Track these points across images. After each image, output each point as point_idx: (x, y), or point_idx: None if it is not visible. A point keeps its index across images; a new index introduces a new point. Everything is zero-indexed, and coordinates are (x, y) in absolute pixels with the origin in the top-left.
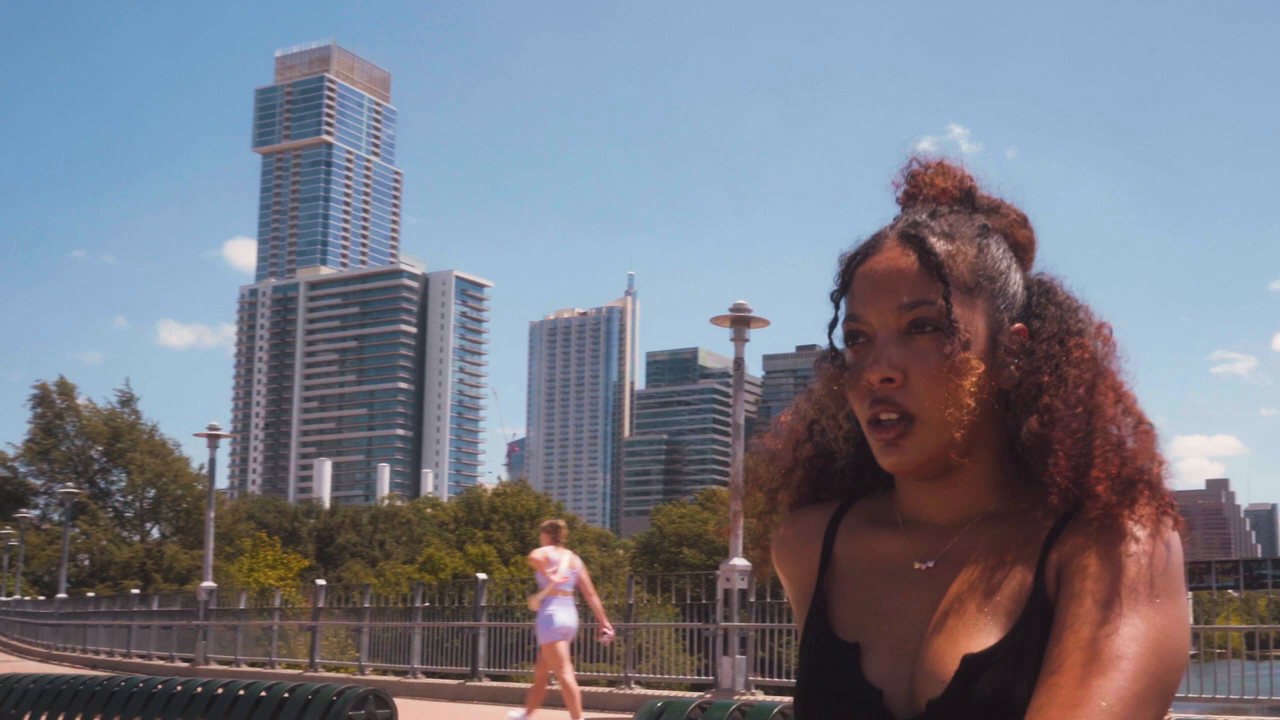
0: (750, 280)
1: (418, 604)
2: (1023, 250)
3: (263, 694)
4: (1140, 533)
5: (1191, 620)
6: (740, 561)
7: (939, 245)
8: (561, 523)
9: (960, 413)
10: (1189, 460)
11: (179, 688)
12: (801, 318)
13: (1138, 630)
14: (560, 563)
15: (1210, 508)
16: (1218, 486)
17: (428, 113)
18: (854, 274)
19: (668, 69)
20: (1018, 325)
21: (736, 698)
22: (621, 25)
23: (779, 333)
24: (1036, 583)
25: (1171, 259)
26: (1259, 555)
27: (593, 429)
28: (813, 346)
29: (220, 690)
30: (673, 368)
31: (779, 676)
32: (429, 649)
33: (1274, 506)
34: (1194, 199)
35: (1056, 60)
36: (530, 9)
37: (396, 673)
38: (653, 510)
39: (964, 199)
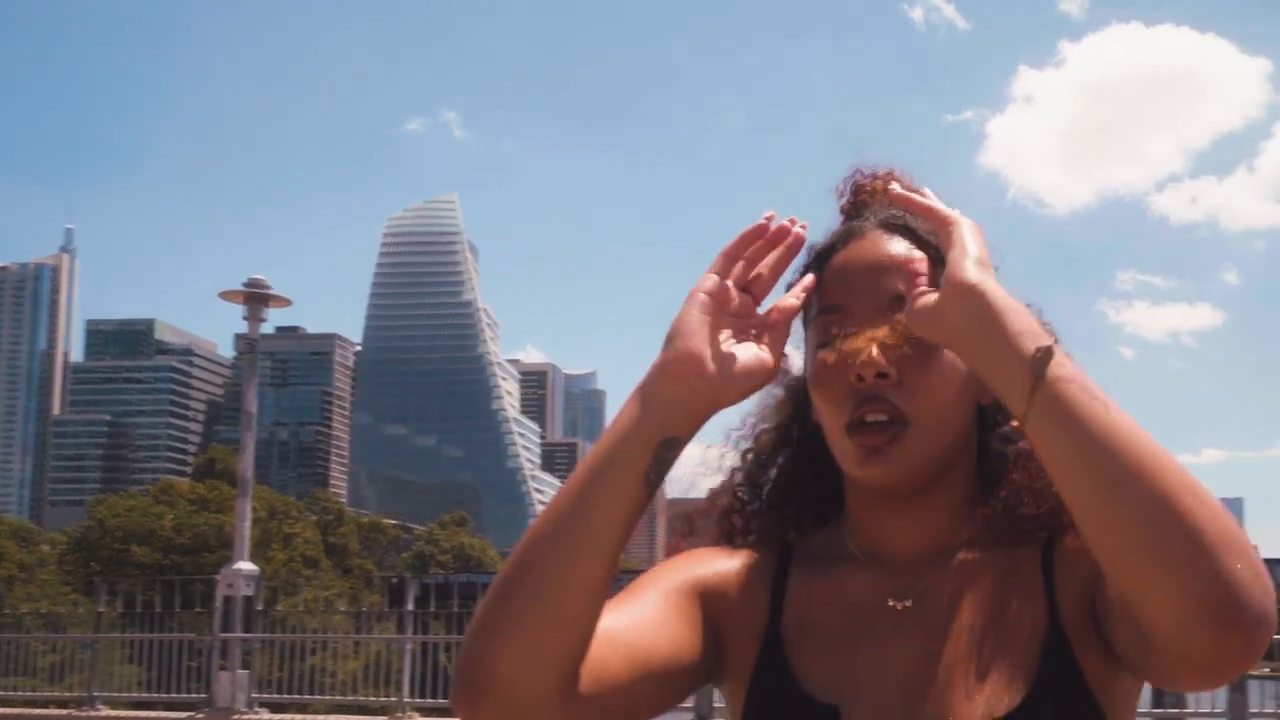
0: (219, 250)
1: None
2: None
3: None
4: None
5: None
6: (247, 565)
7: (929, 236)
8: None
9: (955, 419)
10: None
11: None
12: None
13: None
14: None
15: None
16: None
17: None
18: (828, 263)
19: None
20: None
21: (236, 718)
22: None
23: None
24: (1052, 626)
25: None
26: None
27: (10, 404)
28: (295, 329)
29: None
30: (121, 340)
31: (284, 693)
32: None
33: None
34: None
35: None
36: None
37: None
38: (91, 501)
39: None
